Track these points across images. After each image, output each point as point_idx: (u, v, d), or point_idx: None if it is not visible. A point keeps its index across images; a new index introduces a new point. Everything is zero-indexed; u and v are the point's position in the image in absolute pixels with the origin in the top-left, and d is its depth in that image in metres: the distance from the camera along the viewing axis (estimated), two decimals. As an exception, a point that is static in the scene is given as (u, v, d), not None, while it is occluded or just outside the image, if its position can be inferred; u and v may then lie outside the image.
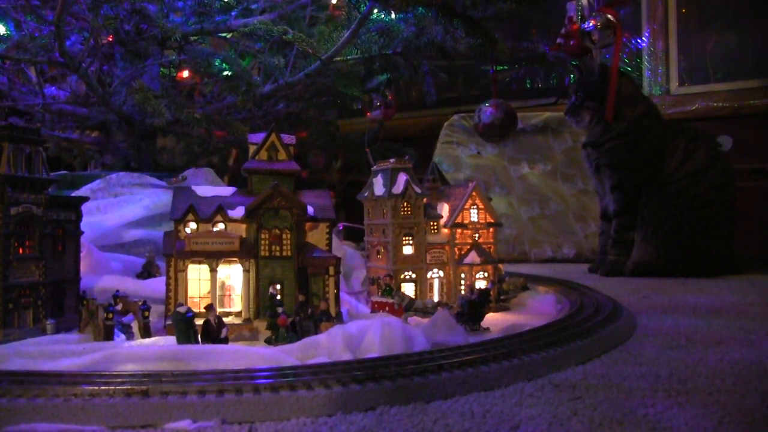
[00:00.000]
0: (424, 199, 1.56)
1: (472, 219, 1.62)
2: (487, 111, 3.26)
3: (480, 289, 1.41)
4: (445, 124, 3.50)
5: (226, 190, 1.43)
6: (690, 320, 1.42)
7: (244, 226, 1.33)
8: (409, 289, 1.52)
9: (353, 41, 1.98)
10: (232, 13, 2.37)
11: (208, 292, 1.29)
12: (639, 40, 3.52)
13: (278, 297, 1.27)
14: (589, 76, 2.47)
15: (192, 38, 2.49)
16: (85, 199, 1.40)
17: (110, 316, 1.14)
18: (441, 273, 1.60)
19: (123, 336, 1.18)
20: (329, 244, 1.41)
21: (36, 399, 0.77)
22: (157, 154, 2.68)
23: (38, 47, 1.92)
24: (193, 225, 1.33)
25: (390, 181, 1.52)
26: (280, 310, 1.22)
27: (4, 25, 2.39)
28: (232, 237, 1.29)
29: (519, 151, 3.37)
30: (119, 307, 1.25)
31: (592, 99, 2.43)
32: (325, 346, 1.05)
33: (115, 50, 2.38)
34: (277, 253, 1.32)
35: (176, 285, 1.26)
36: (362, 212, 1.66)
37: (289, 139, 1.47)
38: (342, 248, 1.86)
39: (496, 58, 2.42)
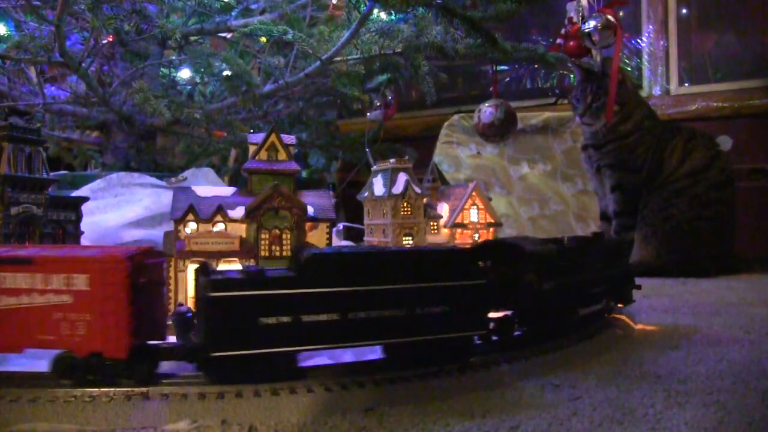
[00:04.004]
0: (424, 199, 1.56)
1: (472, 219, 1.62)
2: (487, 111, 3.25)
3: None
4: (445, 124, 3.50)
5: (226, 190, 1.43)
6: (690, 320, 1.42)
7: (244, 226, 1.33)
8: (409, 289, 1.52)
9: (353, 41, 1.98)
10: (232, 13, 2.37)
11: (208, 292, 1.28)
12: (639, 40, 3.52)
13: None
14: (603, 78, 2.43)
15: (192, 38, 2.49)
16: (85, 199, 1.40)
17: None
18: (441, 273, 1.59)
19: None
20: (329, 244, 1.41)
21: (36, 399, 0.77)
22: (157, 154, 2.68)
23: (38, 47, 1.91)
24: (193, 225, 1.33)
25: (390, 181, 1.52)
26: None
27: (4, 25, 2.39)
28: (232, 237, 1.29)
29: (519, 151, 3.37)
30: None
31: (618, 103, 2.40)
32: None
33: (115, 50, 2.38)
34: (277, 253, 1.32)
35: (176, 285, 1.26)
36: (362, 212, 1.66)
37: (289, 139, 1.47)
38: (342, 248, 1.85)
39: (496, 58, 2.41)
